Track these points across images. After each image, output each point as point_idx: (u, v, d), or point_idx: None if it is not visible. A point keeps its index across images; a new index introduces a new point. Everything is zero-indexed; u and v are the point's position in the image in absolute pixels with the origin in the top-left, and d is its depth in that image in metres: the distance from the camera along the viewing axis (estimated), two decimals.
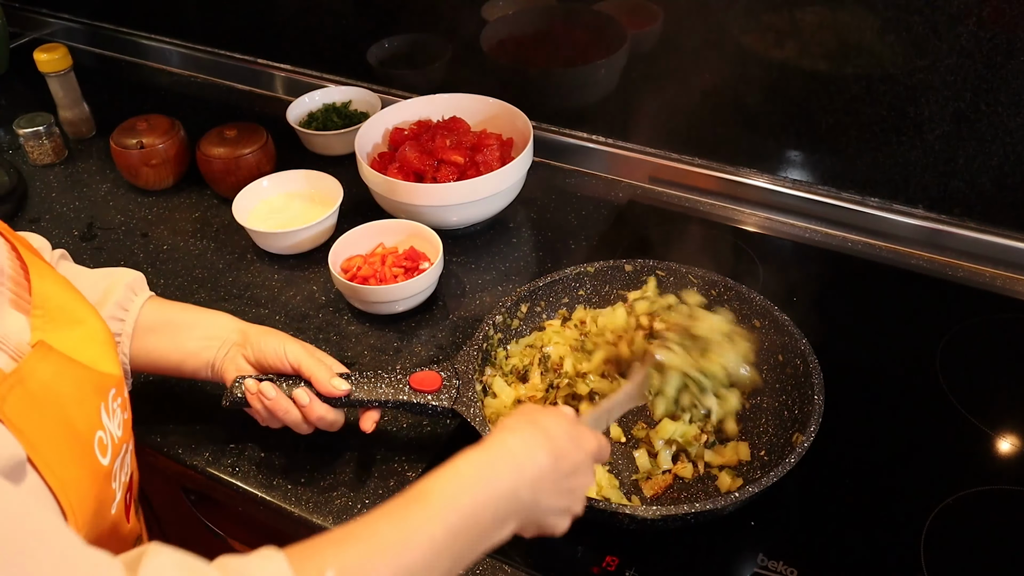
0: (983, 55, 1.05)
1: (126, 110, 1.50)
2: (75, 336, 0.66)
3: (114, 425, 0.67)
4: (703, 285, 1.06)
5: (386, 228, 1.21)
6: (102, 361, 0.68)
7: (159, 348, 0.92)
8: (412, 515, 0.60)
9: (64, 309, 0.67)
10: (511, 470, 0.66)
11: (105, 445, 0.64)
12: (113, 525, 0.66)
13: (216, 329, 0.93)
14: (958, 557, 0.84)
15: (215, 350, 0.92)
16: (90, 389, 0.64)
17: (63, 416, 0.60)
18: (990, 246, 1.17)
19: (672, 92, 1.30)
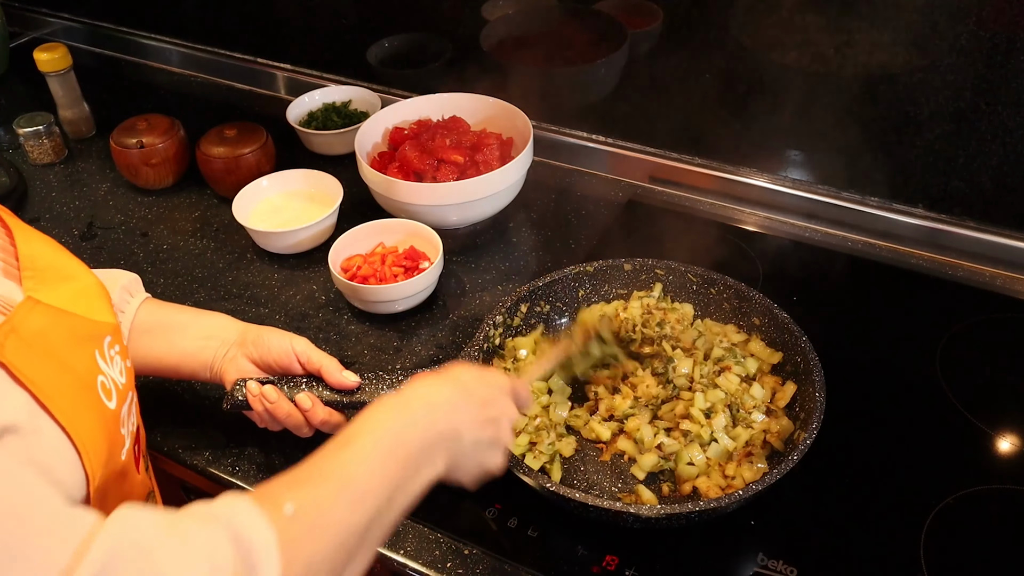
0: (983, 55, 1.05)
1: (126, 110, 1.50)
2: (65, 290, 0.66)
3: (115, 372, 0.68)
4: (703, 284, 1.06)
5: (386, 227, 1.21)
6: (95, 311, 0.68)
7: (155, 350, 0.92)
8: (346, 453, 0.65)
9: (52, 267, 0.67)
10: (423, 405, 0.72)
11: (109, 389, 0.65)
12: (124, 470, 0.67)
13: (213, 330, 0.93)
14: (958, 556, 0.84)
15: (213, 351, 0.92)
16: (84, 336, 0.65)
17: (61, 361, 0.60)
18: (990, 245, 1.17)
19: (672, 91, 1.30)
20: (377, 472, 0.65)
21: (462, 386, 0.75)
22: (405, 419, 0.70)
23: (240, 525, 0.55)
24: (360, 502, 0.63)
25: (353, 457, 0.65)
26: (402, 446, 0.68)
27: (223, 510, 0.56)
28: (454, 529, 0.88)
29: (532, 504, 0.89)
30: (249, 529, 0.55)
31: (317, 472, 0.63)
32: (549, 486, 0.82)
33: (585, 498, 0.81)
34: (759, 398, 0.95)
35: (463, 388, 0.75)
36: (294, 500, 0.59)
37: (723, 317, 1.05)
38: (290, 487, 0.61)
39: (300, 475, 0.63)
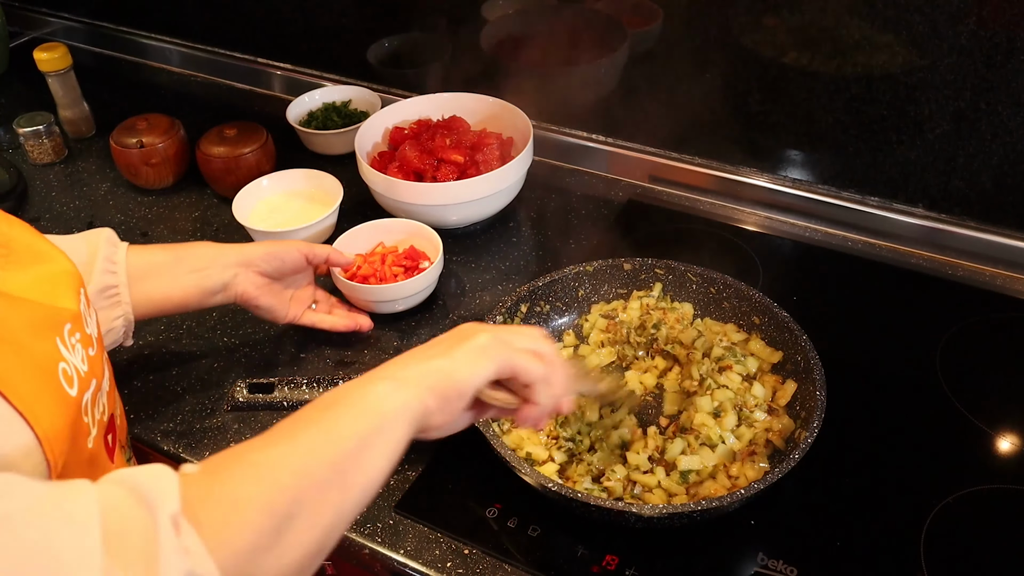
0: (983, 54, 1.05)
1: (126, 109, 1.50)
2: (33, 274, 0.66)
3: (77, 359, 0.65)
4: (703, 283, 1.06)
5: (386, 227, 1.21)
6: (57, 297, 0.67)
7: (158, 291, 0.96)
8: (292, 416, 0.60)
9: (27, 249, 0.67)
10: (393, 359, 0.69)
11: (71, 376, 0.63)
12: (91, 459, 0.65)
13: (208, 259, 0.99)
14: (958, 556, 0.84)
15: (217, 276, 0.98)
16: (43, 322, 0.63)
17: (19, 347, 0.59)
18: (990, 245, 1.17)
19: (672, 91, 1.30)
20: (306, 418, 0.59)
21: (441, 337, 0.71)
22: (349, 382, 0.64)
23: (131, 475, 0.50)
24: (286, 441, 0.56)
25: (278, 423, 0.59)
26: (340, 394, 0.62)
27: (117, 472, 0.52)
28: (454, 529, 0.88)
29: (532, 504, 0.89)
30: (139, 475, 0.50)
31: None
32: (549, 485, 0.82)
33: (587, 497, 0.81)
34: (760, 397, 0.95)
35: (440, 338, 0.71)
36: (200, 463, 0.54)
37: (723, 316, 1.05)
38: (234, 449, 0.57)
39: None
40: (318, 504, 0.55)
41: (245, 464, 0.54)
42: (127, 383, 1.07)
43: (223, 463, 0.54)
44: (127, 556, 0.46)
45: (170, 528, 0.47)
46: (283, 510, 0.53)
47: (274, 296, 1.05)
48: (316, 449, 0.57)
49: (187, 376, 1.08)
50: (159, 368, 1.10)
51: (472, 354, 0.68)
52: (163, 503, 0.48)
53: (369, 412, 0.60)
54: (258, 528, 0.51)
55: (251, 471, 0.54)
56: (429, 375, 0.65)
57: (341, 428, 0.59)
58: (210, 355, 1.11)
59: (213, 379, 1.08)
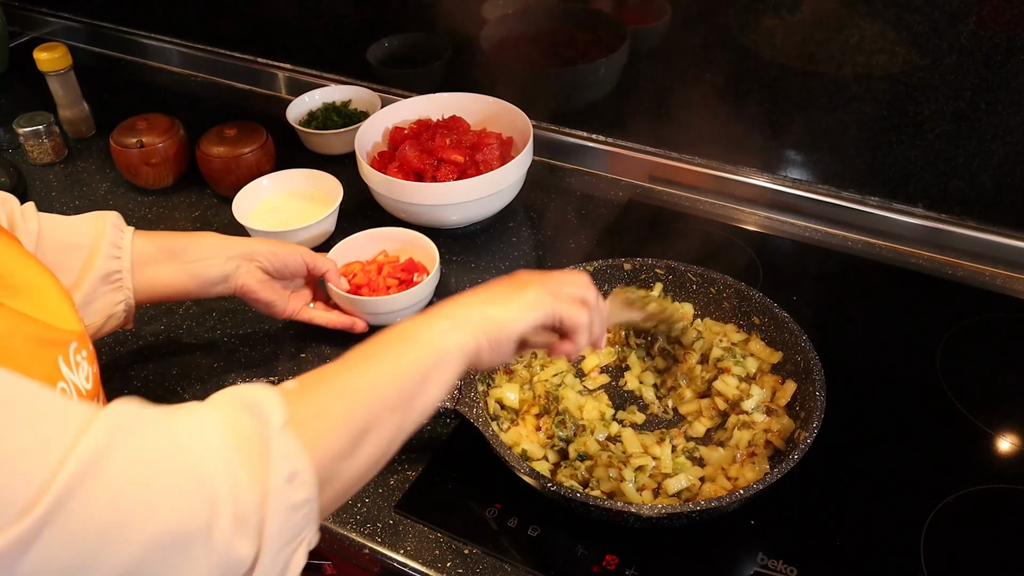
0: (983, 54, 1.05)
1: (126, 109, 1.50)
2: (28, 297, 0.67)
3: (80, 377, 0.67)
4: (702, 283, 1.06)
5: (387, 236, 1.19)
6: (58, 318, 0.68)
7: (163, 276, 0.99)
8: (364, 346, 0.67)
9: (15, 272, 0.68)
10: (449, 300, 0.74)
11: (70, 395, 0.65)
12: None
13: (213, 249, 1.01)
14: (958, 556, 0.84)
15: (220, 267, 1.01)
16: (46, 341, 0.65)
17: (18, 365, 0.59)
18: (990, 245, 1.17)
19: (672, 91, 1.30)
20: (377, 348, 0.67)
21: (496, 283, 0.77)
22: (415, 317, 0.71)
23: (241, 392, 0.57)
24: (364, 368, 0.64)
25: (354, 349, 0.67)
26: (406, 328, 0.69)
27: (225, 390, 0.58)
28: (454, 529, 0.88)
29: (532, 504, 0.89)
30: (248, 392, 0.57)
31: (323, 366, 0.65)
32: (550, 485, 0.82)
33: (586, 497, 0.81)
34: (758, 399, 0.95)
35: (495, 284, 0.77)
36: (296, 380, 0.62)
37: (723, 316, 1.05)
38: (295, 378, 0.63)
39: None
40: (386, 423, 0.63)
41: (334, 385, 0.63)
42: (127, 383, 1.07)
43: (317, 383, 0.62)
44: (246, 453, 0.53)
45: (280, 435, 0.55)
46: (361, 426, 0.61)
47: (274, 292, 1.06)
48: (388, 376, 0.65)
49: (187, 376, 1.08)
50: (159, 368, 1.10)
51: (524, 305, 0.75)
52: (272, 415, 0.55)
53: (431, 348, 0.68)
54: (343, 439, 0.60)
55: (339, 392, 0.62)
56: (484, 322, 0.72)
57: (408, 360, 0.67)
58: (210, 355, 1.11)
59: (213, 379, 1.08)
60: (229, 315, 1.17)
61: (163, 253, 0.99)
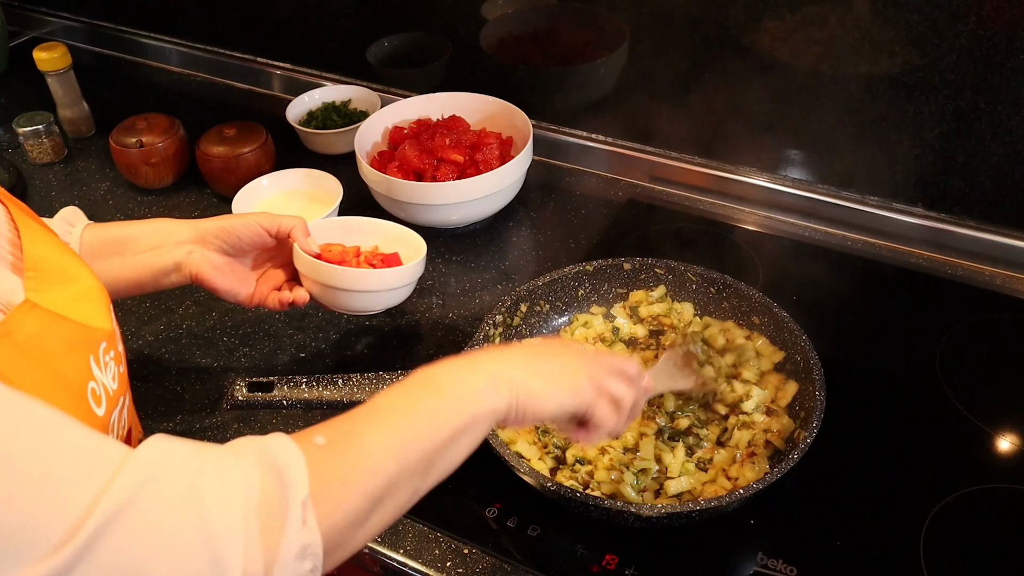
0: (983, 54, 1.05)
1: (125, 109, 1.50)
2: (65, 294, 0.66)
3: (108, 377, 0.67)
4: (702, 283, 1.06)
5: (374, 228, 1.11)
6: (92, 316, 0.68)
7: (111, 270, 0.91)
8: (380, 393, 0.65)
9: (56, 269, 0.67)
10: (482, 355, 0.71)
11: (99, 396, 0.65)
12: None
13: (162, 236, 0.93)
14: (957, 555, 0.84)
15: (170, 255, 0.92)
16: (78, 342, 0.65)
17: (52, 367, 0.60)
18: (990, 245, 1.17)
19: (672, 91, 1.30)
20: (411, 400, 0.64)
21: (543, 348, 0.74)
22: (452, 363, 0.68)
23: (271, 451, 0.56)
24: (393, 425, 0.62)
25: (385, 394, 0.65)
26: (443, 379, 0.66)
27: (256, 442, 0.57)
28: (454, 528, 0.88)
29: (532, 503, 0.89)
30: (278, 453, 0.56)
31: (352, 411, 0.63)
32: (549, 485, 0.82)
33: (586, 497, 0.81)
34: (758, 400, 0.94)
35: (542, 349, 0.74)
36: (325, 433, 0.60)
37: (722, 316, 1.05)
38: (324, 424, 0.61)
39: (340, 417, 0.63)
40: (405, 487, 0.62)
41: (362, 447, 0.60)
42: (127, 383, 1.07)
43: (345, 443, 0.60)
44: (263, 522, 0.52)
45: (299, 509, 0.54)
46: (379, 494, 0.59)
47: (234, 277, 0.97)
48: (418, 440, 0.62)
49: (187, 376, 1.08)
50: (159, 368, 1.10)
51: (564, 389, 0.71)
52: (296, 486, 0.54)
53: (465, 409, 0.65)
54: (358, 509, 0.58)
55: (365, 456, 0.60)
56: (522, 390, 0.68)
57: (439, 420, 0.64)
58: (210, 355, 1.11)
59: (213, 379, 1.08)
60: (229, 315, 1.17)
61: (108, 246, 0.92)
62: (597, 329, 1.07)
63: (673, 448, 0.92)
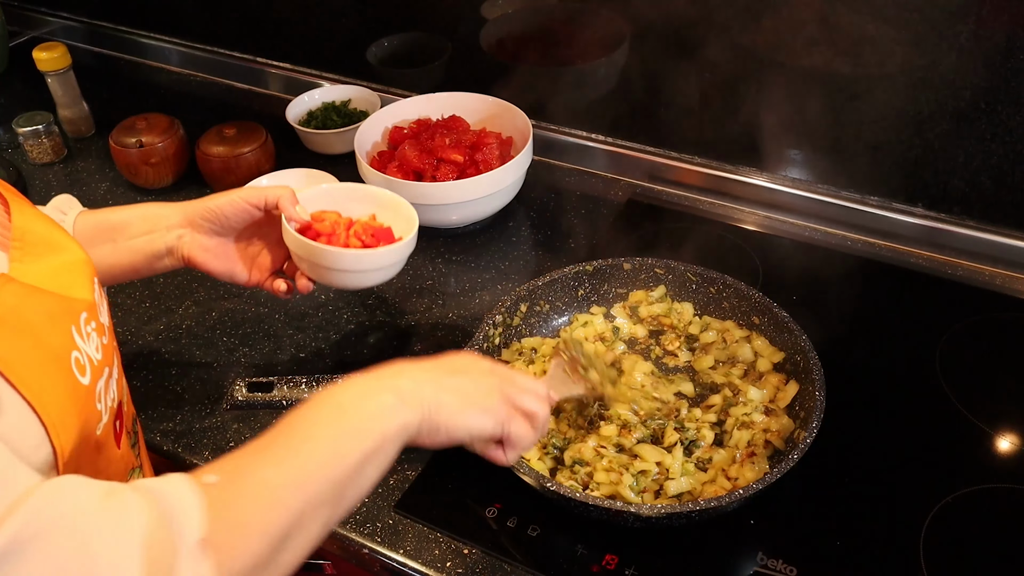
0: (983, 54, 1.05)
1: (125, 109, 1.50)
2: (48, 265, 0.66)
3: (91, 348, 0.67)
4: (702, 283, 1.06)
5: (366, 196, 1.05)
6: (73, 287, 0.68)
7: (105, 257, 0.92)
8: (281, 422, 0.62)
9: (42, 241, 0.67)
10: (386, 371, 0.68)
11: (83, 365, 0.64)
12: (99, 445, 0.66)
13: (154, 221, 0.93)
14: (957, 555, 0.84)
15: (162, 239, 0.93)
16: (58, 314, 0.64)
17: (35, 337, 0.60)
18: (989, 244, 1.17)
19: (672, 91, 1.30)
20: (312, 426, 0.61)
21: (451, 363, 0.72)
22: (354, 382, 0.65)
23: (167, 494, 0.54)
24: (293, 455, 0.59)
25: (285, 421, 0.62)
26: (346, 400, 0.64)
27: (156, 483, 0.55)
28: (454, 529, 0.88)
29: (532, 503, 0.89)
30: (173, 496, 0.54)
31: (249, 443, 0.61)
32: (549, 485, 0.82)
33: (585, 497, 0.81)
34: (757, 400, 0.94)
35: (450, 364, 0.71)
36: (219, 470, 0.57)
37: (722, 316, 1.05)
38: (219, 461, 0.59)
39: (233, 452, 0.61)
40: (313, 520, 0.59)
41: (259, 485, 0.57)
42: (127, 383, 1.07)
43: (240, 479, 0.57)
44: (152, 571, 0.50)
45: (189, 556, 0.51)
46: (284, 532, 0.56)
47: (228, 257, 0.96)
48: (322, 468, 0.59)
49: (187, 376, 1.08)
50: (159, 368, 1.10)
51: (479, 409, 0.70)
52: (187, 530, 0.52)
53: (372, 429, 0.62)
54: (262, 551, 0.55)
55: (263, 493, 0.57)
56: (435, 408, 0.66)
57: (343, 446, 0.61)
58: (210, 355, 1.11)
59: (213, 379, 1.08)
60: (229, 315, 1.17)
61: (101, 232, 0.92)
62: (597, 328, 1.07)
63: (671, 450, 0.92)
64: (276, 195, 0.93)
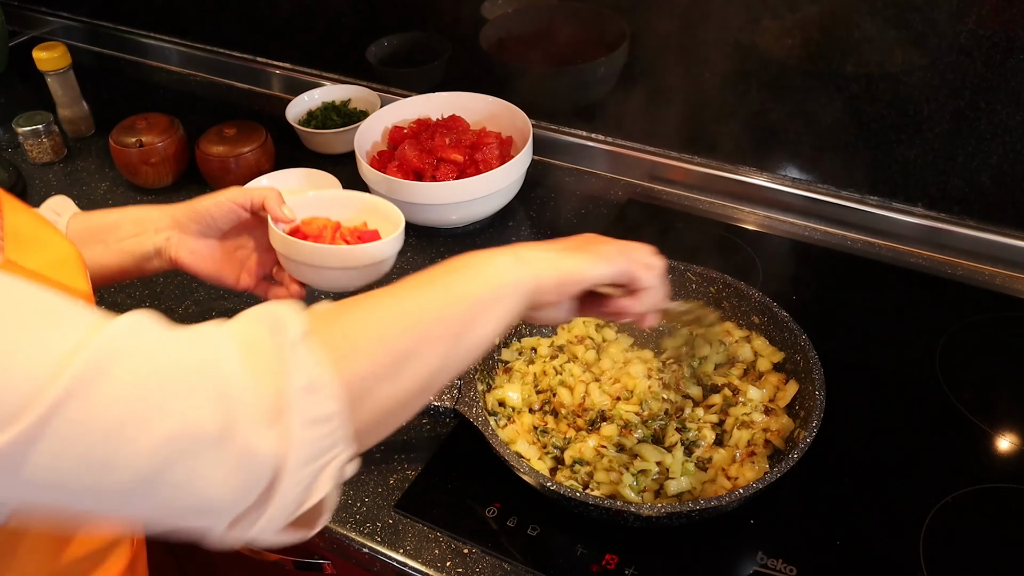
0: (982, 53, 1.05)
1: (125, 108, 1.50)
2: (43, 259, 0.66)
3: None
4: (702, 283, 1.06)
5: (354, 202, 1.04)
6: (70, 279, 0.68)
7: (96, 258, 0.92)
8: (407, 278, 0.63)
9: (34, 238, 0.67)
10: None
11: None
12: None
13: (144, 223, 0.93)
14: (957, 555, 0.84)
15: (150, 241, 0.92)
16: None
17: None
18: (989, 244, 1.17)
19: (672, 91, 1.30)
20: (423, 277, 0.62)
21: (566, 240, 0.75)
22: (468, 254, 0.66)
23: (258, 309, 0.54)
24: (403, 292, 0.60)
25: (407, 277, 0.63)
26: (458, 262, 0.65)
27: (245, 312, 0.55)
28: (454, 528, 0.88)
29: (531, 503, 0.89)
30: (265, 307, 0.54)
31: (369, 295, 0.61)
32: (549, 484, 0.82)
33: (585, 496, 0.81)
34: (757, 400, 0.94)
35: (566, 240, 0.75)
36: (325, 304, 0.58)
37: (722, 316, 1.05)
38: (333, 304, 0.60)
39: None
40: (431, 350, 0.59)
41: (370, 308, 0.58)
42: None
43: (353, 304, 0.58)
44: (260, 363, 0.50)
45: (299, 343, 0.52)
46: (401, 349, 0.57)
47: (215, 260, 0.95)
48: (435, 305, 0.60)
49: None
50: None
51: (597, 257, 0.72)
52: (292, 325, 0.52)
53: (488, 281, 0.64)
54: (378, 359, 0.56)
55: (378, 314, 0.58)
56: (551, 266, 0.68)
57: (458, 290, 0.62)
58: None
59: None
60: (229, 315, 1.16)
61: (93, 234, 0.92)
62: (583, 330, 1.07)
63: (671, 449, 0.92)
64: (262, 195, 0.93)
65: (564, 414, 0.96)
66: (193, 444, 0.47)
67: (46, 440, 0.44)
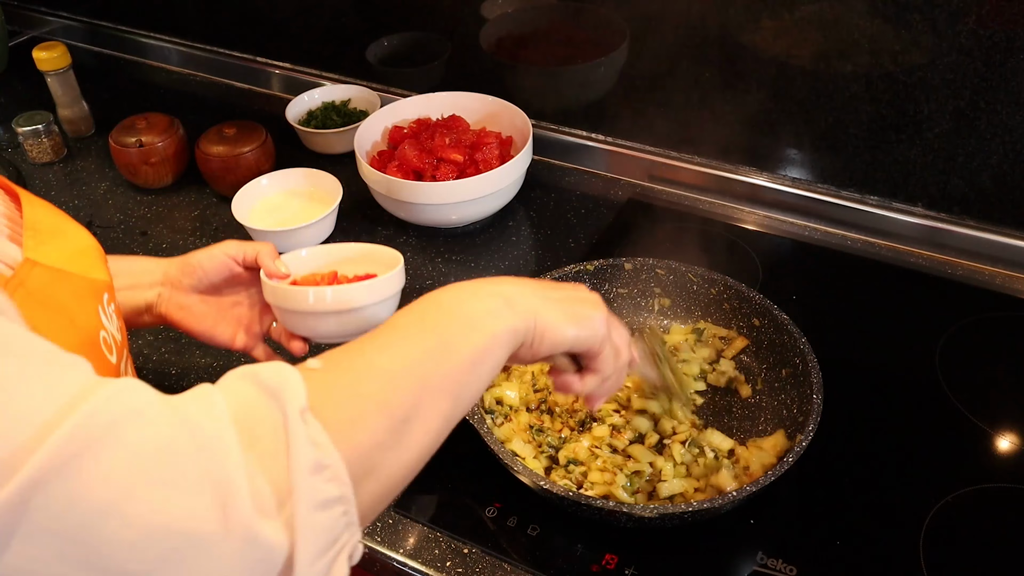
0: (982, 53, 1.05)
1: (125, 108, 1.50)
2: (64, 248, 0.66)
3: (114, 328, 0.67)
4: (702, 283, 1.06)
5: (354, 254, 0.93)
6: (92, 269, 0.68)
7: None
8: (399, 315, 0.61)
9: (53, 228, 0.67)
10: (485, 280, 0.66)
11: (110, 345, 0.64)
12: None
13: (137, 276, 0.88)
14: (957, 554, 0.84)
15: (143, 296, 0.88)
16: (85, 294, 0.64)
17: (67, 315, 0.60)
18: (989, 244, 1.17)
19: (672, 90, 1.30)
20: (419, 321, 0.59)
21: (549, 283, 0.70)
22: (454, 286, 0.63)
23: (255, 373, 0.51)
24: (399, 343, 0.57)
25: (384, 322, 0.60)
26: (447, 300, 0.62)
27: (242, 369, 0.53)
28: (453, 528, 0.88)
29: (531, 503, 0.89)
30: (263, 373, 0.51)
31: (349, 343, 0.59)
32: (543, 484, 0.82)
33: (579, 496, 0.81)
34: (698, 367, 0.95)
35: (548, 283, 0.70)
36: (320, 359, 0.55)
37: (723, 318, 1.05)
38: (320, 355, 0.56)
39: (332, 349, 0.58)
40: (432, 410, 0.56)
41: (367, 364, 0.55)
42: None
43: (345, 360, 0.55)
44: (259, 445, 0.46)
45: (299, 421, 0.48)
46: (402, 413, 0.54)
47: (206, 318, 0.88)
48: (433, 357, 0.57)
49: (186, 376, 1.08)
50: (158, 368, 1.10)
51: (583, 319, 0.67)
52: (291, 397, 0.49)
53: (483, 329, 0.60)
54: (380, 427, 0.53)
55: (374, 372, 0.54)
56: (539, 316, 0.64)
57: (457, 340, 0.59)
58: (209, 355, 1.11)
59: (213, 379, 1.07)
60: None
61: None
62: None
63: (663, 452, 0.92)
64: (256, 250, 0.86)
65: (559, 413, 0.97)
66: (191, 543, 0.42)
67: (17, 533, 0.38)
